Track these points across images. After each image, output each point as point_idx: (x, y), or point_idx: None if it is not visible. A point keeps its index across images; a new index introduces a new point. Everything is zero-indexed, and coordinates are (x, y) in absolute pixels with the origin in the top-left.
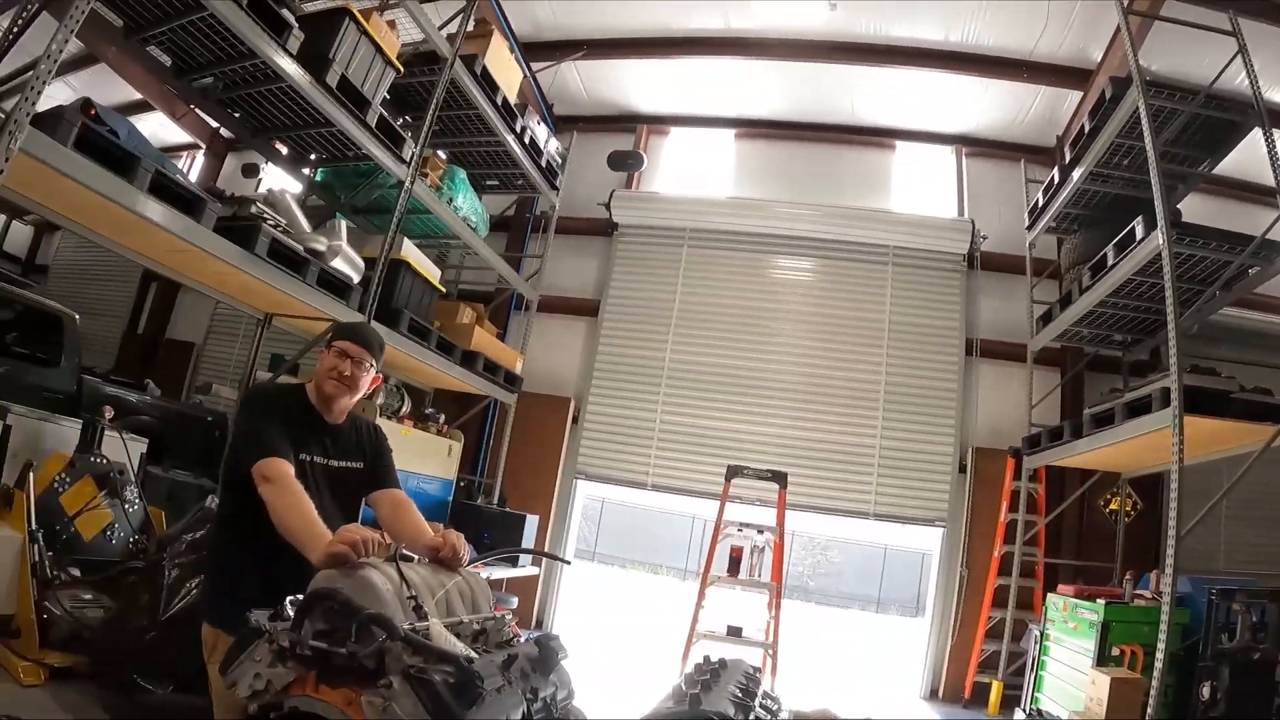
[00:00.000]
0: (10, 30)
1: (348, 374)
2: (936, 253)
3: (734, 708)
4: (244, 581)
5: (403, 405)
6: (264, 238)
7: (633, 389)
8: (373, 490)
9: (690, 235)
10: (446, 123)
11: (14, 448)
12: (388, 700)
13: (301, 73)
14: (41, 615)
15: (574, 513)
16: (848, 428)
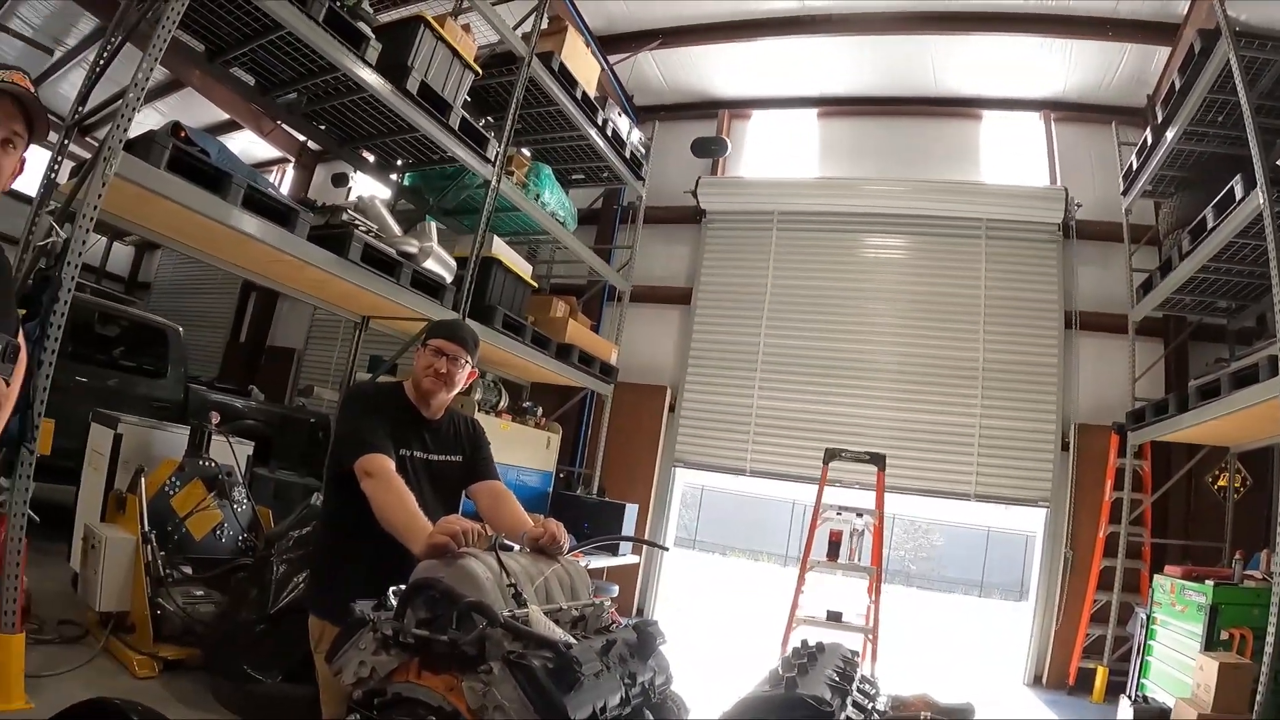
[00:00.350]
0: (97, 63)
1: (444, 371)
2: (1030, 223)
3: (830, 691)
4: (349, 574)
5: (500, 400)
6: (356, 243)
7: (728, 375)
8: (472, 483)
9: (779, 218)
10: (528, 120)
11: (125, 455)
12: (488, 685)
13: (382, 82)
14: (155, 611)
15: (673, 501)
16: (946, 407)
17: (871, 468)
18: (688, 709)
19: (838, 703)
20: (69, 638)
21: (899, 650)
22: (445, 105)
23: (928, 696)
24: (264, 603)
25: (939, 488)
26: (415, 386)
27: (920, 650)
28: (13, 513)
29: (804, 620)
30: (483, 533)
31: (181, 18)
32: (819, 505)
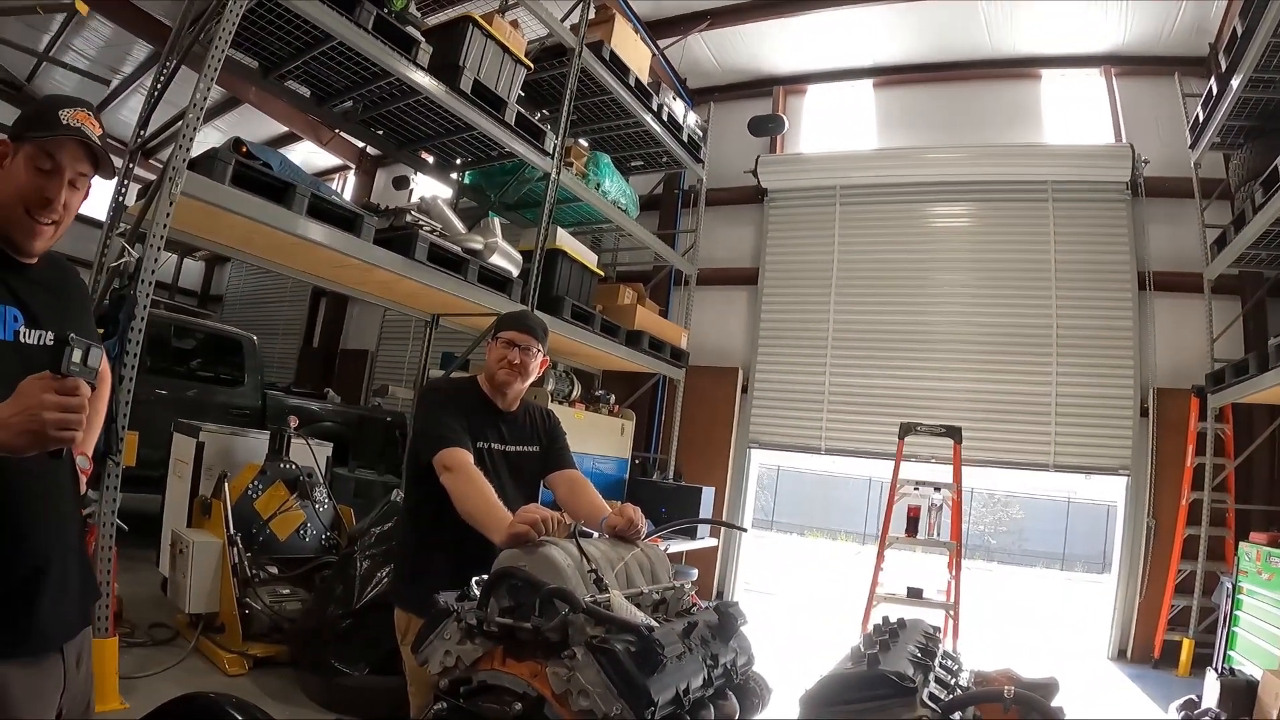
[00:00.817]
0: (154, 88)
1: (517, 361)
2: (1097, 183)
3: (912, 667)
4: (432, 567)
5: (573, 389)
6: (422, 243)
7: (799, 353)
8: (549, 472)
9: (841, 192)
10: (584, 111)
11: (208, 462)
12: (572, 670)
13: (435, 83)
14: (243, 611)
15: (749, 482)
16: (1021, 376)
17: (948, 441)
18: (770, 689)
19: (920, 679)
20: (160, 640)
21: (981, 626)
22: (500, 102)
23: (1011, 671)
24: (349, 598)
25: (1016, 459)
26: (490, 379)
27: (1002, 625)
28: (102, 523)
29: (884, 597)
30: (562, 520)
31: (233, 37)
32: (896, 481)
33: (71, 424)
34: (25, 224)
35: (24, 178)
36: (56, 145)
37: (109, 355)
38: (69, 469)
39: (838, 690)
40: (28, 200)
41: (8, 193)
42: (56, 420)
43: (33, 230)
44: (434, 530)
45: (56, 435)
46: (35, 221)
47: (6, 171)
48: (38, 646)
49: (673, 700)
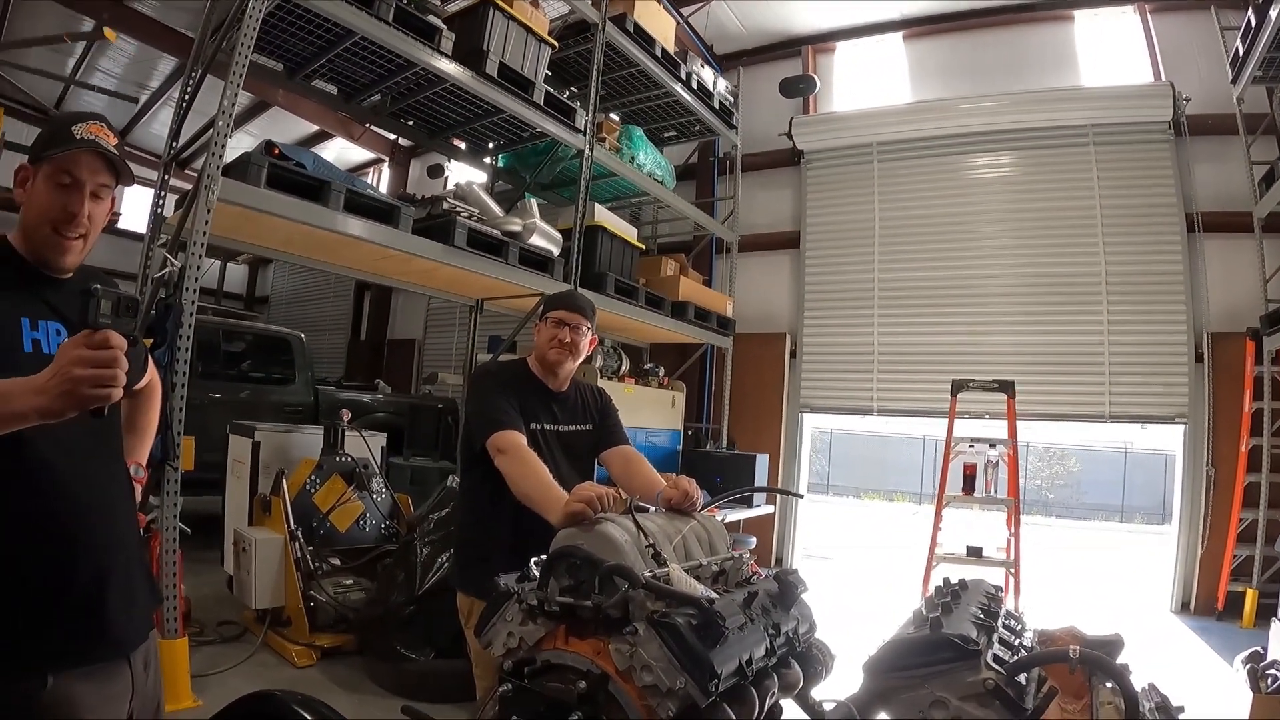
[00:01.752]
0: (182, 99)
1: (567, 340)
2: (1138, 124)
3: (975, 629)
4: (492, 549)
5: (621, 364)
6: (460, 229)
7: (846, 315)
8: (603, 450)
9: (878, 149)
10: (612, 85)
11: (265, 460)
12: (634, 646)
13: (460, 70)
14: (308, 603)
15: (803, 447)
16: (1072, 326)
17: (1001, 396)
18: (833, 655)
19: (984, 640)
20: (229, 637)
21: (1042, 583)
22: (527, 83)
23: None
24: (411, 585)
25: (1072, 411)
26: (540, 360)
27: (1064, 581)
28: (164, 527)
29: (944, 558)
30: (617, 496)
31: (255, 42)
32: (950, 439)
33: (104, 379)
34: (53, 241)
35: (46, 196)
36: (72, 160)
37: (159, 364)
38: (123, 477)
39: (901, 655)
40: (53, 218)
41: (33, 214)
42: (89, 376)
43: (61, 246)
44: (491, 513)
45: (90, 393)
46: (62, 238)
47: (30, 194)
48: (106, 655)
49: (736, 671)
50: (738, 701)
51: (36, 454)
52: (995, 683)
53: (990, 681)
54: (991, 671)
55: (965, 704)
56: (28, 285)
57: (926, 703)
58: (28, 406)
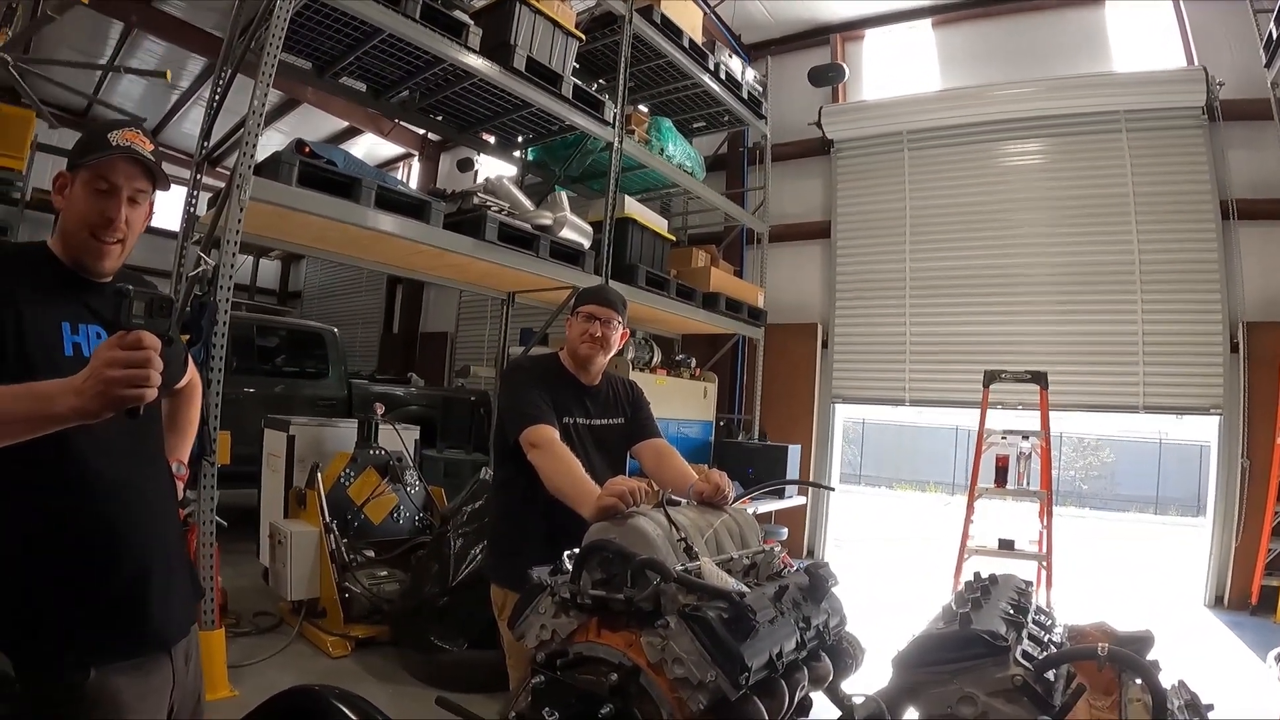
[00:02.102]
0: (213, 99)
1: (599, 334)
2: (1171, 110)
3: (1005, 625)
4: (525, 541)
5: (653, 356)
6: (491, 223)
7: (878, 304)
8: (635, 443)
9: (908, 137)
10: (640, 77)
11: (300, 454)
12: (666, 639)
13: (488, 64)
14: (343, 595)
15: (835, 438)
16: (1106, 315)
17: (1034, 387)
18: (863, 649)
19: (1013, 636)
20: (265, 628)
21: (1075, 576)
22: (555, 76)
23: (1105, 625)
24: (445, 576)
25: (1105, 401)
26: (572, 354)
27: (1096, 574)
28: (201, 521)
29: (976, 550)
30: (649, 490)
31: (283, 41)
32: (982, 430)
33: (137, 379)
34: (92, 246)
35: (84, 202)
36: (109, 166)
37: (195, 361)
38: (165, 475)
39: (930, 651)
40: (91, 223)
41: (72, 219)
42: (121, 377)
43: (100, 251)
44: (524, 506)
45: (124, 393)
46: (101, 242)
47: (68, 200)
48: (147, 649)
49: (766, 664)
50: (768, 694)
51: (78, 455)
52: (1023, 679)
53: (1018, 678)
54: (1020, 668)
55: (993, 700)
56: (68, 289)
57: (955, 698)
58: (66, 407)
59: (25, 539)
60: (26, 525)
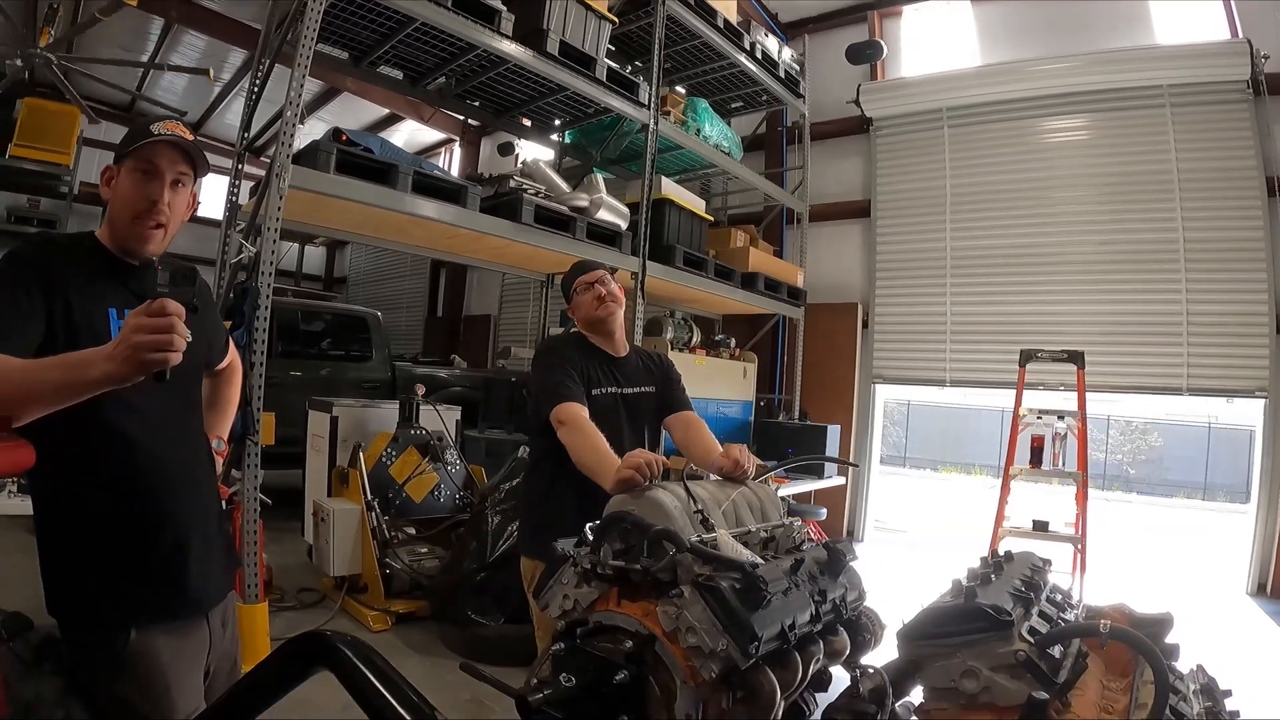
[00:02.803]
0: (252, 90)
1: (604, 292)
2: (1215, 84)
3: (1012, 601)
4: (555, 515)
5: (693, 336)
6: (527, 206)
7: (918, 284)
8: (667, 413)
9: (948, 114)
10: (675, 58)
11: (343, 434)
12: (680, 608)
13: (522, 50)
14: (384, 571)
15: (875, 418)
16: (1149, 295)
17: (1073, 367)
18: (883, 624)
19: (1019, 612)
20: (308, 603)
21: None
22: (589, 59)
23: (1124, 606)
24: (483, 553)
25: (1147, 383)
26: (591, 324)
27: (1138, 559)
28: (246, 499)
29: (1010, 531)
30: (666, 463)
31: (318, 33)
32: (1018, 410)
33: (162, 344)
34: (135, 230)
35: (128, 188)
36: (152, 150)
37: (238, 345)
38: (204, 450)
39: (935, 623)
40: (134, 207)
41: (118, 205)
42: (147, 342)
43: (144, 235)
44: (557, 481)
45: (149, 357)
46: (145, 226)
47: (115, 189)
48: (186, 612)
49: (778, 635)
50: (780, 665)
51: (123, 430)
52: (1026, 655)
53: (1021, 653)
54: (1024, 644)
55: (996, 675)
56: (115, 277)
57: (958, 672)
58: (99, 372)
59: (73, 511)
60: (75, 498)
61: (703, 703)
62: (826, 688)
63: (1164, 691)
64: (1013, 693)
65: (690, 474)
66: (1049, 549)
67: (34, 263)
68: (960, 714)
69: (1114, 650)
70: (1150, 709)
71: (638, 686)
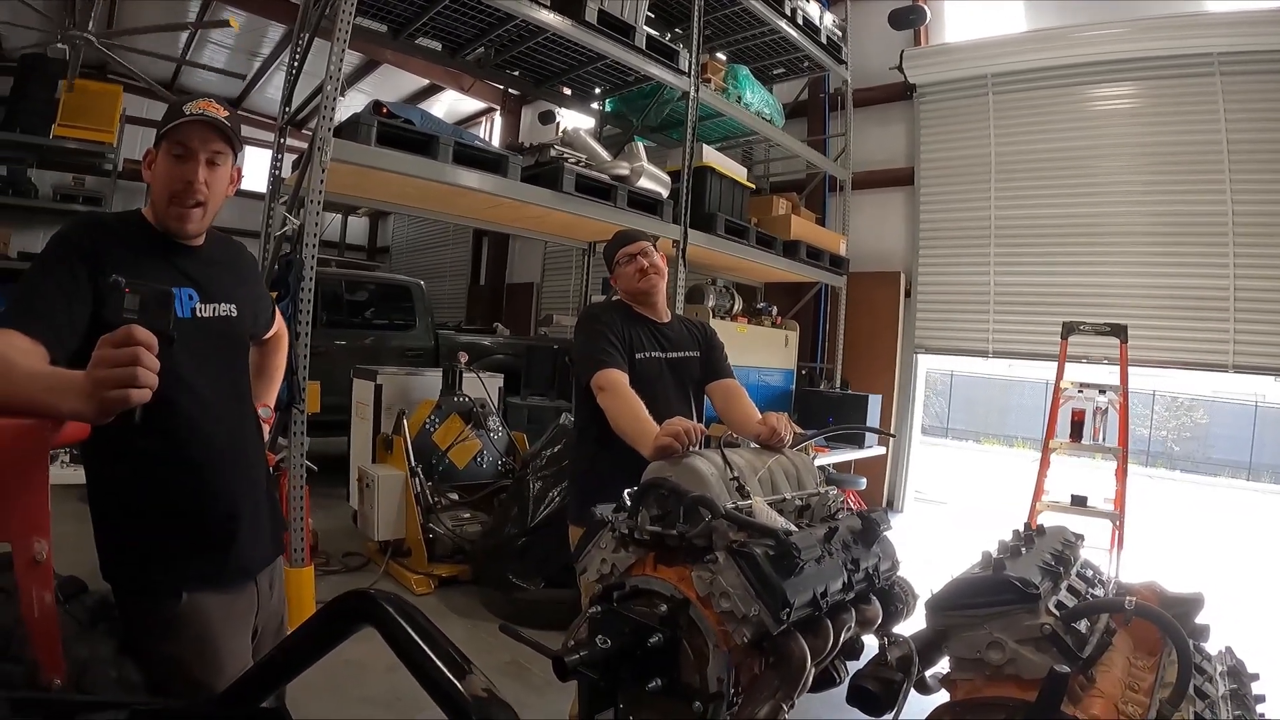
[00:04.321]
0: (291, 65)
1: (647, 264)
2: (1267, 52)
3: (1040, 574)
4: (602, 483)
5: (734, 304)
6: (568, 175)
7: (962, 253)
8: (709, 380)
9: (993, 81)
10: (716, 25)
11: (387, 402)
12: (714, 574)
13: (559, 19)
14: (428, 535)
15: (917, 389)
16: (1195, 268)
17: (1116, 341)
18: (916, 595)
19: (1047, 586)
20: (353, 567)
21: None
22: (628, 27)
23: (1155, 585)
24: (524, 518)
25: (1192, 359)
26: (634, 296)
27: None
28: (292, 466)
29: (1048, 505)
30: (704, 430)
31: (357, 6)
32: (1059, 383)
33: (122, 379)
34: (175, 211)
35: (164, 170)
36: (185, 132)
37: (284, 315)
38: (252, 419)
39: (962, 594)
40: (172, 187)
41: (157, 187)
42: (105, 378)
43: (183, 215)
44: (601, 448)
45: (107, 395)
46: (183, 207)
47: (154, 171)
48: (235, 578)
49: (810, 602)
50: (811, 632)
51: (174, 403)
52: (1052, 628)
53: (1047, 627)
54: (1050, 617)
55: (1022, 647)
56: (161, 254)
57: (984, 643)
58: (69, 408)
59: (125, 482)
60: (127, 470)
61: (735, 667)
62: (858, 656)
63: (1187, 671)
64: (1037, 665)
65: (728, 442)
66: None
67: (80, 243)
68: (985, 685)
69: (1143, 628)
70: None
71: (671, 650)
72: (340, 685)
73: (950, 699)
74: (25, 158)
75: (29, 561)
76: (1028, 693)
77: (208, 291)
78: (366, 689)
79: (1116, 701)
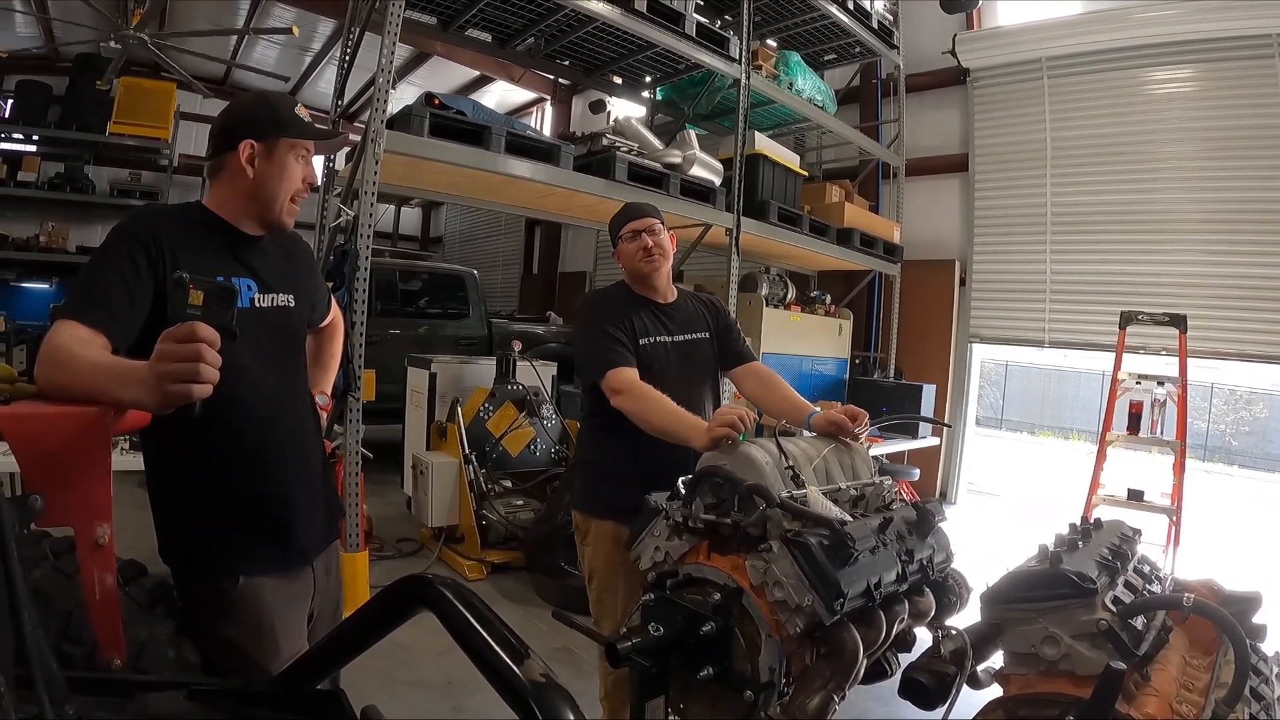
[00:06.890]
0: (343, 59)
1: (650, 244)
2: None
3: (1098, 569)
4: (611, 472)
5: (787, 292)
6: (620, 164)
7: (1017, 241)
8: (728, 364)
9: (1048, 64)
10: (765, 11)
11: (441, 390)
12: (768, 563)
13: (609, 8)
14: (480, 522)
15: (972, 379)
16: (1257, 257)
17: (1175, 331)
18: (970, 588)
19: (1104, 581)
20: (407, 552)
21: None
22: (677, 15)
23: (1213, 582)
24: None
25: (1252, 351)
26: (636, 277)
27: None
28: (348, 453)
29: (1104, 499)
30: (755, 418)
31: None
32: (1117, 374)
33: (184, 374)
34: (291, 208)
35: (291, 169)
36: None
37: (340, 304)
38: (309, 407)
39: (1018, 588)
40: (294, 186)
41: (273, 185)
42: (168, 371)
43: (294, 211)
44: (611, 438)
45: (170, 389)
46: (295, 205)
47: (266, 168)
48: (292, 563)
49: (863, 593)
50: (864, 623)
51: (232, 392)
52: (1108, 624)
53: (1104, 622)
54: (1106, 613)
55: (1077, 643)
56: (224, 245)
57: (1039, 638)
58: (129, 397)
59: (184, 470)
60: (186, 458)
61: (787, 656)
62: (911, 648)
63: (1244, 671)
64: (1092, 661)
65: (783, 430)
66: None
67: (139, 234)
68: (1039, 680)
69: (1199, 626)
70: (1229, 689)
71: (724, 638)
72: (389, 669)
73: (1003, 694)
74: (82, 154)
75: (91, 545)
76: (1082, 689)
77: (266, 282)
78: (418, 672)
79: (1171, 700)
